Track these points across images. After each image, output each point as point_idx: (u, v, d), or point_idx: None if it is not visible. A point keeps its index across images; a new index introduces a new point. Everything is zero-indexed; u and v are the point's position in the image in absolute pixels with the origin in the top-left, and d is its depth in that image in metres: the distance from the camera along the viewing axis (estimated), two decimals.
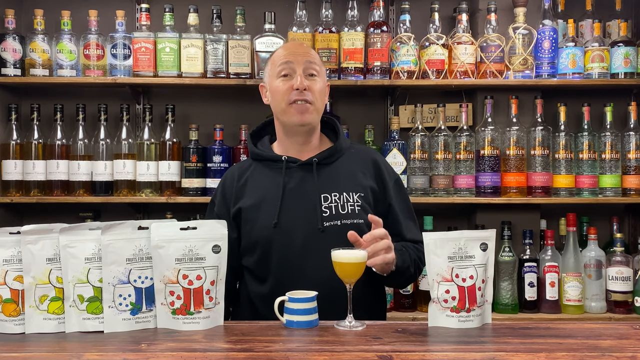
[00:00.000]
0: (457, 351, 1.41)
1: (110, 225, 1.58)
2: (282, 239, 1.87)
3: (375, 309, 1.99)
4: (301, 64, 1.93)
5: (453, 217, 3.18)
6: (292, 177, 1.93)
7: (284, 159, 1.95)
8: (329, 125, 2.09)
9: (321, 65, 1.99)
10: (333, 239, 1.80)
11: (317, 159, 1.94)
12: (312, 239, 1.85)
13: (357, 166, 1.99)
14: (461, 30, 3.00)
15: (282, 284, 1.77)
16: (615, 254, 2.91)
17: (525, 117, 3.04)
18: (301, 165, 1.94)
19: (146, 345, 1.44)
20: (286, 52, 1.97)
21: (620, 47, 3.00)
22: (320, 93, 1.96)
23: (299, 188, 1.92)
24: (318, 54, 2.10)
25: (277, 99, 1.95)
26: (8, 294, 1.57)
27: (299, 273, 1.83)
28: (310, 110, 1.92)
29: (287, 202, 1.90)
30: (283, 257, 1.86)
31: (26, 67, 2.97)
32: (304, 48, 2.02)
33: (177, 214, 2.69)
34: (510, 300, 2.90)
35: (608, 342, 1.48)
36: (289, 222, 1.88)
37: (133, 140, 3.01)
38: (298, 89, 1.90)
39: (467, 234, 1.63)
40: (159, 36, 2.95)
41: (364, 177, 1.96)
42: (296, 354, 1.38)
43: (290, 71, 1.93)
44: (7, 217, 3.03)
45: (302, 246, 1.85)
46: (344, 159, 1.99)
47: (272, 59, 2.00)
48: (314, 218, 1.87)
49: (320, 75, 1.97)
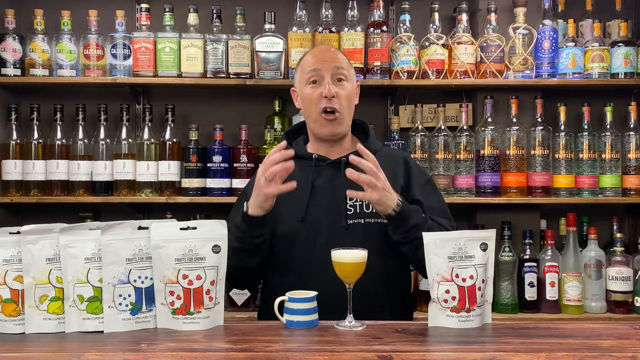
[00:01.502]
0: (457, 351, 1.41)
1: (110, 225, 1.58)
2: (307, 233, 1.91)
3: (399, 309, 1.98)
4: (329, 70, 1.96)
5: (453, 217, 3.17)
6: (321, 174, 1.98)
7: (315, 156, 2.00)
8: (360, 127, 2.14)
9: (349, 68, 2.03)
10: (357, 236, 1.87)
11: (345, 159, 1.96)
12: (336, 235, 1.88)
13: (385, 166, 1.97)
14: (461, 30, 3.00)
15: (303, 278, 1.82)
16: (615, 254, 2.91)
17: (525, 117, 3.04)
18: (330, 163, 1.99)
19: (146, 345, 1.44)
20: (314, 58, 2.00)
21: (620, 47, 3.00)
22: (349, 98, 1.99)
23: (327, 185, 1.96)
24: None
25: (307, 106, 2.00)
26: (8, 294, 1.57)
27: (321, 269, 1.82)
28: (339, 119, 1.96)
29: (315, 198, 1.94)
30: (307, 252, 1.90)
31: (26, 67, 2.97)
32: (331, 53, 2.04)
33: (177, 214, 2.68)
34: (510, 300, 2.90)
35: (608, 342, 1.48)
36: (315, 218, 1.92)
37: (133, 140, 3.01)
38: (327, 97, 1.94)
39: (467, 234, 1.63)
40: (159, 36, 2.95)
41: (393, 177, 1.97)
42: (296, 354, 1.38)
43: (318, 78, 1.97)
44: (7, 217, 3.03)
45: (326, 242, 1.86)
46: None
47: (301, 65, 2.04)
48: (339, 215, 1.92)
49: (348, 79, 2.00)
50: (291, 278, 1.89)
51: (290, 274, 1.91)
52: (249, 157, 2.97)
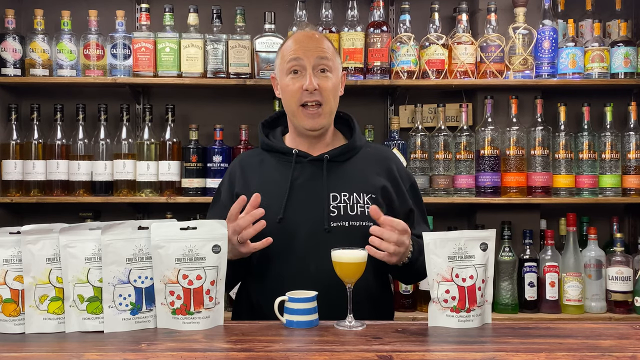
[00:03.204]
0: (457, 351, 1.41)
1: (110, 225, 1.58)
2: (285, 235, 1.79)
3: (382, 307, 1.93)
4: (311, 61, 1.83)
5: (453, 217, 3.18)
6: (302, 172, 1.87)
7: (295, 152, 1.88)
8: (344, 121, 2.01)
9: (334, 58, 1.88)
10: (339, 240, 1.73)
11: (328, 156, 1.87)
12: (317, 238, 1.79)
13: (370, 166, 1.92)
14: (461, 30, 3.00)
15: (282, 283, 1.72)
16: (615, 254, 2.91)
17: (525, 117, 3.04)
18: (312, 160, 1.88)
19: (146, 345, 1.44)
20: (296, 45, 1.86)
21: (620, 47, 3.00)
22: (333, 90, 1.86)
23: (308, 184, 1.85)
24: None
25: (287, 98, 1.87)
26: (8, 294, 1.57)
27: (300, 272, 1.78)
28: (321, 113, 1.84)
29: (294, 198, 1.83)
30: (285, 255, 1.81)
31: (26, 67, 2.97)
32: (315, 41, 1.88)
33: (177, 214, 2.69)
34: (510, 300, 2.90)
35: (608, 342, 1.47)
36: (294, 219, 1.81)
37: (133, 140, 3.01)
38: (308, 90, 1.82)
39: (467, 234, 1.63)
40: (159, 36, 2.95)
41: (377, 178, 1.89)
42: (296, 354, 1.38)
43: (299, 68, 1.84)
44: (7, 217, 3.03)
45: (306, 245, 1.79)
46: (357, 157, 1.93)
47: (282, 51, 1.90)
48: (320, 217, 1.81)
49: (332, 70, 1.86)
50: (267, 281, 1.82)
51: (267, 277, 1.82)
52: None
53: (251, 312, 1.88)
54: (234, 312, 1.98)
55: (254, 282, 1.89)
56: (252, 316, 1.84)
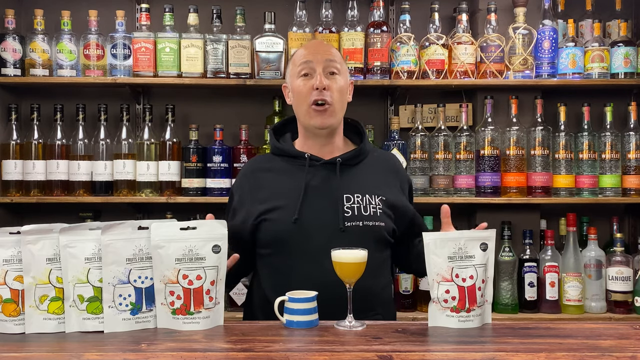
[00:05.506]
0: (457, 351, 1.41)
1: (110, 225, 1.58)
2: (301, 236, 1.85)
3: (385, 307, 1.96)
4: (321, 63, 1.93)
5: (453, 217, 3.12)
6: (315, 175, 1.93)
7: (307, 156, 1.94)
8: (353, 128, 2.09)
9: (342, 63, 1.99)
10: (353, 239, 1.80)
11: (340, 159, 1.94)
12: (333, 238, 1.82)
13: (380, 170, 2.01)
14: (461, 30, 3.00)
15: (297, 281, 1.77)
16: (615, 254, 2.91)
17: (525, 117, 3.04)
18: (324, 164, 1.94)
19: (146, 345, 1.45)
20: (306, 51, 1.98)
21: (620, 47, 3.00)
22: (341, 92, 1.95)
23: (322, 186, 1.91)
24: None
25: (298, 99, 1.96)
26: (8, 294, 1.57)
27: (317, 272, 1.80)
28: (330, 112, 1.92)
29: (309, 199, 1.88)
30: (301, 255, 1.85)
31: (26, 67, 2.97)
32: (324, 46, 2.02)
33: (177, 214, 2.69)
34: (510, 300, 2.90)
35: (608, 342, 1.48)
36: (310, 220, 1.86)
37: (133, 140, 3.01)
38: (318, 89, 1.90)
39: (467, 234, 1.63)
40: (159, 36, 2.95)
41: (387, 182, 1.98)
42: (296, 354, 1.38)
43: (310, 70, 1.93)
44: (7, 217, 3.03)
45: (322, 245, 1.81)
46: (367, 161, 2.01)
47: (293, 58, 2.01)
48: (335, 217, 1.87)
49: (341, 74, 1.96)
50: (284, 280, 1.85)
51: (284, 276, 1.87)
52: (249, 157, 2.97)
53: (265, 309, 1.88)
54: (246, 311, 2.03)
55: (270, 279, 1.92)
56: (265, 314, 1.85)
